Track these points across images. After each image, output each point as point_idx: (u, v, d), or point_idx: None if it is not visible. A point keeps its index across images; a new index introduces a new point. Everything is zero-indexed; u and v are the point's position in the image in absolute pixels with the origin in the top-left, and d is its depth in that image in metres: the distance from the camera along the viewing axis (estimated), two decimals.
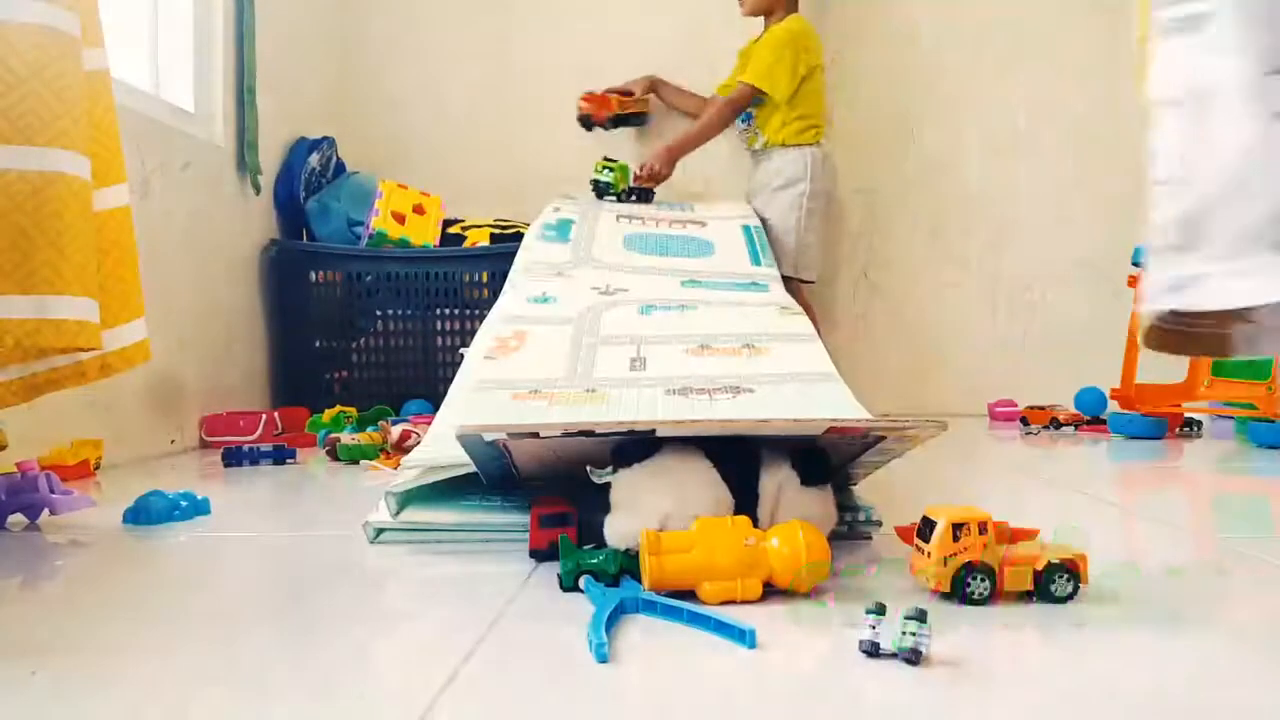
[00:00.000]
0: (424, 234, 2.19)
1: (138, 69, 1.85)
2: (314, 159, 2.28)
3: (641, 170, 2.21)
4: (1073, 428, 2.17)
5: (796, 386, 1.13)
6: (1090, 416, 2.20)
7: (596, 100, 2.38)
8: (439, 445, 1.00)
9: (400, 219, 2.18)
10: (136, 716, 0.55)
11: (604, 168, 2.22)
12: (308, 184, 2.27)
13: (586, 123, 2.38)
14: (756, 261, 1.76)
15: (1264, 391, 1.97)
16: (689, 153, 2.26)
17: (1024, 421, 2.24)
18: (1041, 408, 2.24)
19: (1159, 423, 2.02)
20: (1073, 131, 2.57)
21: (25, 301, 1.02)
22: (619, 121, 2.43)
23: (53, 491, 1.10)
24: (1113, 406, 2.17)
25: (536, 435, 0.85)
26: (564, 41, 2.60)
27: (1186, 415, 2.11)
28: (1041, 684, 0.60)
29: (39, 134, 1.02)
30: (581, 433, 0.84)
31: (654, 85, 2.46)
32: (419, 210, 2.21)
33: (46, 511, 1.10)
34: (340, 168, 2.40)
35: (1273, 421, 1.87)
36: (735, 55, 2.34)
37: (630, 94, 2.43)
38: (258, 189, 2.13)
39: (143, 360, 1.20)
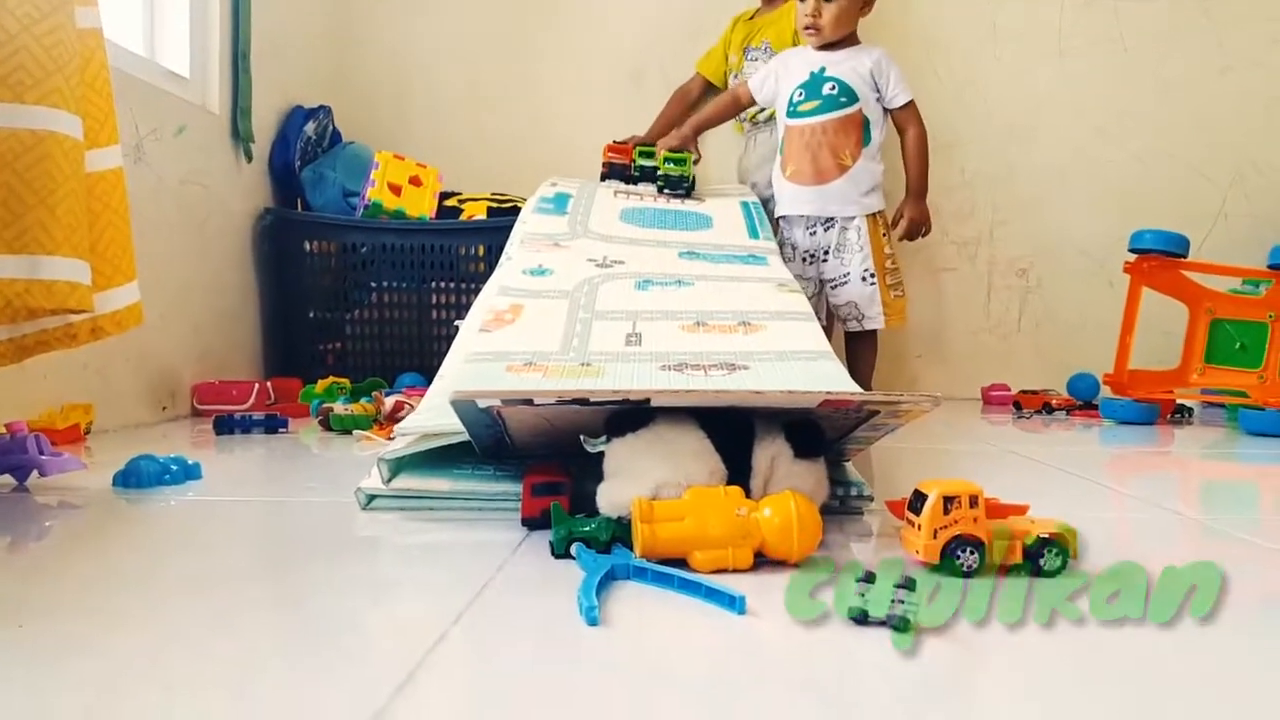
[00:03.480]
0: (420, 206, 2.17)
1: (131, 31, 1.83)
2: (310, 128, 2.26)
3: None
4: (1065, 412, 2.18)
5: (791, 364, 1.13)
6: (1083, 401, 2.21)
7: (621, 149, 2.08)
8: (433, 413, 0.99)
9: (396, 190, 2.16)
10: (123, 677, 0.55)
11: (670, 159, 1.97)
12: (303, 153, 2.25)
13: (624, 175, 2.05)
14: (754, 234, 1.76)
15: (1255, 379, 1.98)
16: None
17: (1017, 406, 2.25)
18: (1034, 392, 2.25)
19: (1151, 408, 2.03)
20: (1072, 118, 2.56)
21: (15, 262, 1.01)
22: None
23: (42, 453, 1.10)
24: (1105, 392, 2.18)
25: (530, 403, 0.84)
26: (566, 14, 2.58)
27: (1178, 401, 2.11)
28: (1030, 651, 0.60)
29: (29, 91, 1.00)
30: (576, 401, 0.84)
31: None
32: (415, 182, 2.19)
33: (36, 473, 1.09)
34: (336, 137, 2.38)
35: (1263, 409, 1.88)
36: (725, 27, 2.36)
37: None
38: (249, 157, 2.11)
39: (134, 324, 1.19)
